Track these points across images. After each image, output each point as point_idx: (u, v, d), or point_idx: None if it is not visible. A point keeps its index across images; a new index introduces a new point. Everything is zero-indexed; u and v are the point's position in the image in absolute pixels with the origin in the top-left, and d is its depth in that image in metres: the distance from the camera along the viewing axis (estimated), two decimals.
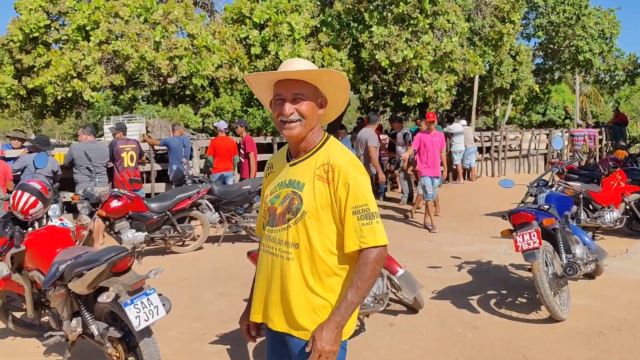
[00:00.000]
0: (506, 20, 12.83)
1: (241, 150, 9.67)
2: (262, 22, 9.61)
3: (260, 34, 9.54)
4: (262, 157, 10.00)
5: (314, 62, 9.45)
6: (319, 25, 10.36)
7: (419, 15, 9.70)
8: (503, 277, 5.84)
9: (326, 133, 2.06)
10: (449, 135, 13.72)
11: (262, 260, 2.04)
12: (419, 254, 6.93)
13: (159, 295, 3.31)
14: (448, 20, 10.07)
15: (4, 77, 10.93)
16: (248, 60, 9.57)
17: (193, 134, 19.16)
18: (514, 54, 15.44)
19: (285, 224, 1.94)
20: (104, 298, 3.16)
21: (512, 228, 4.76)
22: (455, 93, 12.14)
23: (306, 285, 1.92)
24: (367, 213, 1.88)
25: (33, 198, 3.90)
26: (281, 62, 9.77)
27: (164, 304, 3.29)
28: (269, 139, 12.40)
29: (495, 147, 15.39)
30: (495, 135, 15.52)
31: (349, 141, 11.47)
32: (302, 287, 1.92)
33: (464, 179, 13.79)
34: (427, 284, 5.45)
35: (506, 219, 4.88)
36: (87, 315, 3.45)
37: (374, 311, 4.07)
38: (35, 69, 10.32)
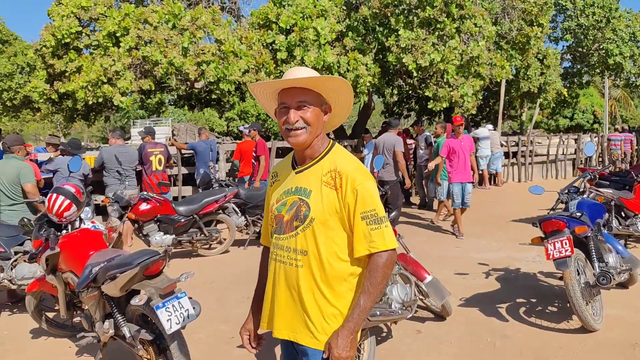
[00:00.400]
0: (534, 24, 12.67)
1: (254, 153, 9.72)
2: (288, 27, 9.66)
3: (286, 39, 9.59)
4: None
5: (339, 66, 9.48)
6: (344, 30, 10.38)
7: (445, 19, 9.65)
8: (532, 285, 5.75)
9: (331, 140, 2.07)
10: (474, 140, 13.58)
11: (271, 269, 2.05)
12: (445, 261, 6.87)
13: (190, 298, 3.34)
14: (475, 24, 9.99)
15: (36, 81, 11.21)
16: (274, 65, 9.64)
17: (218, 138, 19.34)
18: (541, 58, 15.24)
19: (293, 231, 1.95)
20: (136, 301, 3.21)
21: (542, 235, 4.68)
22: (481, 97, 12.03)
23: (317, 292, 1.93)
24: (376, 218, 1.89)
25: (67, 201, 3.98)
26: (307, 67, 9.86)
27: (194, 308, 3.33)
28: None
29: (522, 152, 15.18)
30: (522, 140, 15.32)
31: (373, 145, 11.38)
32: (312, 295, 1.93)
33: (490, 184, 13.63)
34: (455, 291, 5.39)
35: (537, 226, 4.80)
36: (119, 317, 3.51)
37: (402, 318, 4.04)
38: (66, 74, 10.55)
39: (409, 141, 11.86)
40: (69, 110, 12.89)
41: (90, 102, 10.14)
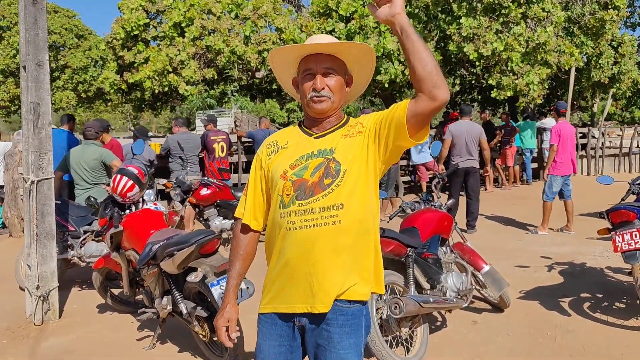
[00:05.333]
0: (609, 6, 11.94)
1: None
2: (348, 15, 9.62)
3: (346, 26, 9.56)
4: None
5: (399, 54, 9.34)
6: None
7: (510, 4, 9.29)
8: (599, 280, 5.47)
9: (345, 114, 2.06)
10: (540, 131, 13.07)
11: (296, 239, 1.87)
12: (505, 253, 6.66)
13: (244, 278, 3.40)
14: (543, 9, 9.56)
15: (107, 72, 11.77)
16: None
17: (278, 129, 19.57)
18: (615, 45, 14.37)
19: (325, 190, 1.86)
20: (192, 277, 3.31)
21: (610, 227, 4.44)
22: (547, 86, 11.51)
23: (360, 241, 1.88)
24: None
25: (130, 182, 4.16)
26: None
27: (247, 287, 3.38)
28: None
29: (593, 144, 14.44)
30: (593, 132, 14.56)
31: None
32: (356, 245, 1.87)
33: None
34: (514, 283, 5.22)
35: (604, 217, 4.55)
36: (177, 294, 3.63)
37: (457, 307, 3.95)
38: (135, 65, 11.01)
39: None
40: (137, 100, 13.47)
41: (157, 92, 10.54)
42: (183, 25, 9.79)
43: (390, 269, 3.80)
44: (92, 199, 4.55)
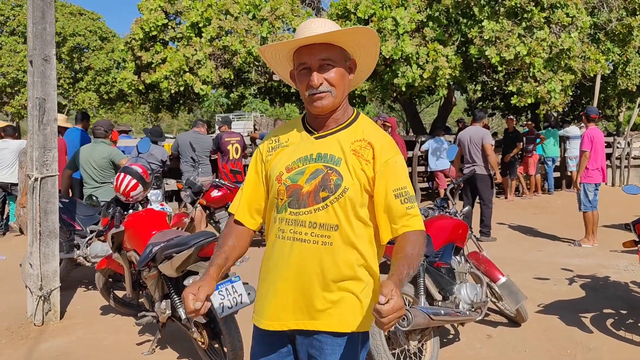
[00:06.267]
0: (637, 13, 11.57)
1: None
2: (366, 18, 9.46)
3: None
4: None
5: (418, 57, 9.14)
6: (425, 20, 10.00)
7: (533, 8, 9.02)
8: (623, 295, 5.20)
9: (355, 109, 1.86)
10: (563, 140, 12.73)
11: (282, 250, 1.75)
12: (525, 264, 6.40)
13: (245, 284, 3.25)
14: (567, 14, 9.26)
15: (125, 73, 11.78)
16: None
17: None
18: None
19: (320, 203, 1.69)
20: (189, 281, 3.17)
21: (636, 239, 4.19)
22: (571, 94, 11.17)
23: (347, 271, 1.72)
24: (409, 196, 1.71)
25: (134, 181, 4.04)
26: (384, 57, 9.62)
27: (249, 293, 3.22)
28: None
29: (618, 154, 14.02)
30: (618, 142, 14.14)
31: (443, 141, 10.88)
32: (341, 274, 1.71)
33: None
34: (533, 296, 4.99)
35: (630, 229, 4.31)
36: (176, 298, 3.49)
37: (470, 320, 3.74)
38: (152, 65, 11.00)
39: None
40: (155, 100, 13.48)
41: (173, 92, 10.49)
42: (200, 25, 9.74)
43: None
44: (93, 197, 4.45)
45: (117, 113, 32.02)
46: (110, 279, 4.69)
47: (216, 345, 3.49)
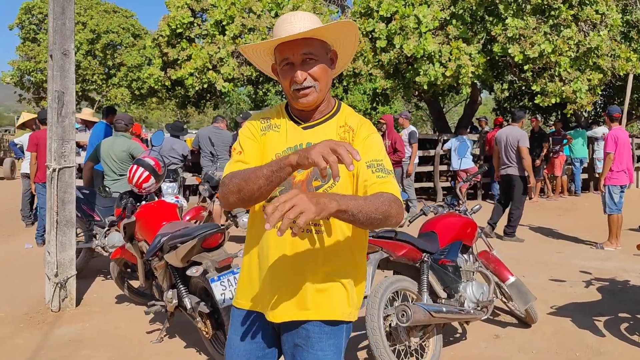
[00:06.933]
0: None
1: None
2: (389, 15, 9.41)
3: (386, 27, 9.35)
4: None
5: (440, 55, 9.06)
6: (448, 18, 9.89)
7: (561, 5, 8.82)
8: None
9: (336, 100, 1.88)
10: (592, 140, 12.45)
11: (270, 239, 1.74)
12: (543, 265, 6.30)
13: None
14: (596, 11, 9.03)
15: (152, 69, 12.00)
16: (373, 53, 9.45)
17: None
18: None
19: (313, 192, 1.70)
20: (193, 271, 3.23)
21: None
22: (600, 93, 10.90)
23: (336, 259, 1.74)
24: (382, 167, 1.68)
25: (146, 173, 4.14)
26: (406, 56, 9.57)
27: None
28: None
29: None
30: None
31: (466, 140, 10.73)
32: (331, 262, 1.73)
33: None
34: (546, 298, 4.91)
35: None
36: (182, 288, 3.56)
37: (475, 319, 3.71)
38: (178, 62, 11.18)
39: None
40: (181, 97, 13.70)
41: (197, 88, 10.64)
42: (224, 23, 9.86)
43: (404, 274, 3.61)
44: (106, 189, 4.57)
45: (148, 109, 32.67)
46: (128, 269, 4.81)
47: (220, 336, 3.55)
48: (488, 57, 10.14)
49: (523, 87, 14.19)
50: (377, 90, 10.76)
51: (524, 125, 8.45)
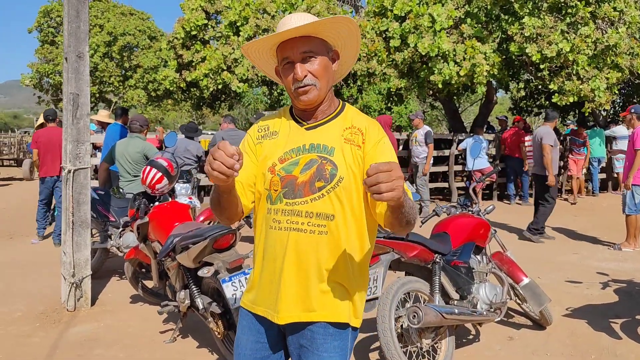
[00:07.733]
0: None
1: None
2: (403, 15, 9.37)
3: (400, 26, 9.31)
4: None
5: (455, 54, 8.99)
6: (463, 17, 9.82)
7: (578, 3, 8.70)
8: None
9: (340, 100, 1.87)
10: (610, 140, 12.26)
11: (280, 241, 1.74)
12: (558, 266, 6.22)
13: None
14: (614, 8, 8.89)
15: (167, 70, 12.10)
16: (387, 53, 9.41)
17: None
18: None
19: (316, 193, 1.70)
20: (204, 272, 3.25)
21: None
22: (617, 92, 10.72)
23: (340, 261, 1.73)
24: None
25: (159, 174, 4.17)
26: (421, 55, 9.51)
27: None
28: (404, 135, 12.08)
29: None
30: None
31: (482, 140, 10.64)
32: (335, 264, 1.73)
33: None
34: (561, 299, 4.85)
35: None
36: (194, 289, 3.58)
37: (488, 320, 3.68)
38: (193, 64, 11.26)
39: (527, 137, 10.92)
40: (196, 98, 13.80)
41: (212, 90, 10.70)
42: (238, 24, 9.91)
43: (416, 275, 3.59)
44: (120, 190, 4.61)
45: (164, 110, 32.93)
46: (143, 270, 4.86)
47: (232, 336, 3.56)
48: (504, 56, 10.05)
49: (540, 86, 14.01)
50: (392, 90, 10.72)
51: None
